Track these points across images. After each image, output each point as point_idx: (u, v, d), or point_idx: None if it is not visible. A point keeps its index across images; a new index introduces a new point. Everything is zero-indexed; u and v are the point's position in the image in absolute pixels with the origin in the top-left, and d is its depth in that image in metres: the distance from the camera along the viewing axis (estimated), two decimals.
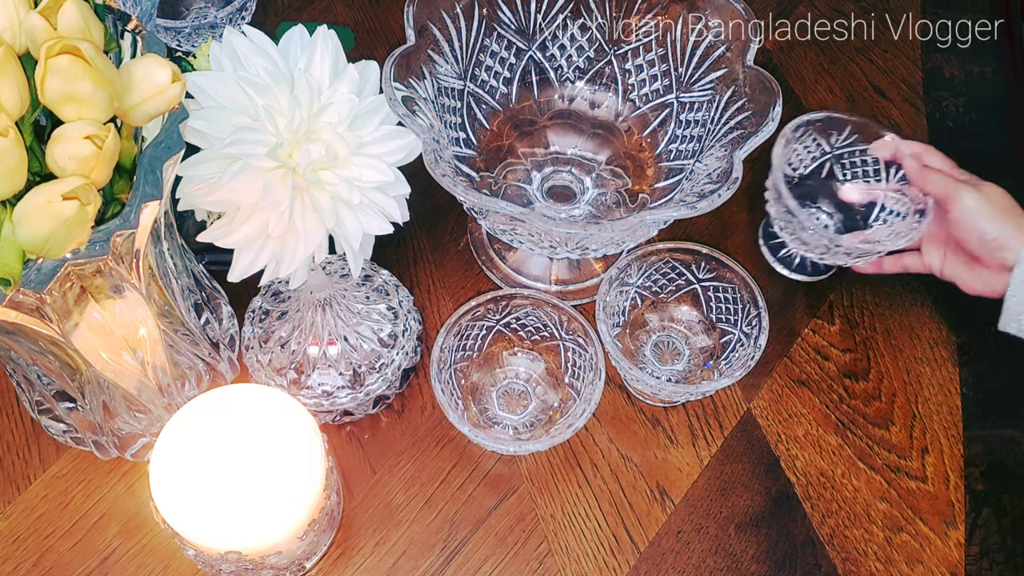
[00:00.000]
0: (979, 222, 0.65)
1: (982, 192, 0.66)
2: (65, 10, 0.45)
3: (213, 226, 0.54)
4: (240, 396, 0.60)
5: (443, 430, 0.71)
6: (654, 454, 0.71)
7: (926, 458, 0.71)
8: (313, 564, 0.65)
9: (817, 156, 0.76)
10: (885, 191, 0.74)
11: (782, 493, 0.69)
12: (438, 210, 0.82)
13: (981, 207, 0.65)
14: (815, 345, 0.76)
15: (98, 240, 0.46)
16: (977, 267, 0.67)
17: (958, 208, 0.66)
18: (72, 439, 0.67)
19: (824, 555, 0.67)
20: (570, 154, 0.77)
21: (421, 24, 0.67)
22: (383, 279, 0.73)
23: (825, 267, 0.77)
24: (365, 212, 0.55)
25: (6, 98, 0.43)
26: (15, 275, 0.45)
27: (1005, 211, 0.65)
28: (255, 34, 0.54)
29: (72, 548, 0.65)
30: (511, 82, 0.76)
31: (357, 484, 0.69)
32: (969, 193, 0.66)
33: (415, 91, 0.64)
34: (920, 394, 0.74)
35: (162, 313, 0.59)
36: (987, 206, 0.65)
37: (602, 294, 0.69)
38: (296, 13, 0.95)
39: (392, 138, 0.56)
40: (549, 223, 0.58)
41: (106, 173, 0.45)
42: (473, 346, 0.71)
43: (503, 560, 0.66)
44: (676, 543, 0.67)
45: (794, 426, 0.72)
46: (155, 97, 0.47)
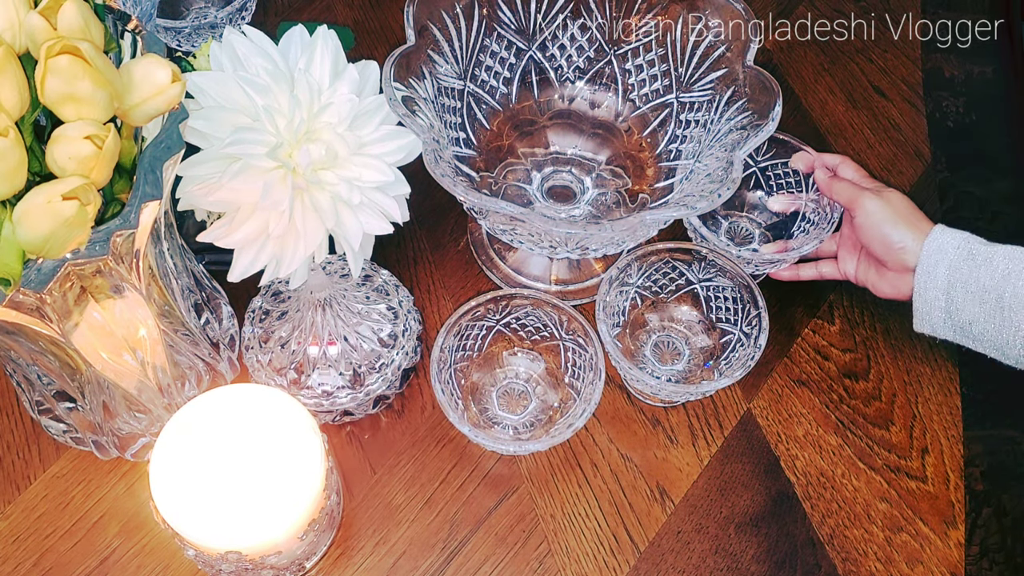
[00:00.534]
0: (882, 227, 0.67)
1: (883, 197, 0.68)
2: (65, 10, 0.45)
3: (213, 226, 0.54)
4: (240, 396, 0.60)
5: (443, 430, 0.71)
6: (654, 454, 0.71)
7: (926, 458, 0.71)
8: (313, 564, 0.65)
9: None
10: (805, 201, 0.77)
11: (782, 493, 0.69)
12: (438, 210, 0.82)
13: (882, 212, 0.68)
14: (815, 345, 0.76)
15: (98, 240, 0.46)
16: (884, 271, 0.69)
17: (861, 213, 0.68)
18: (72, 439, 0.67)
19: (824, 555, 0.67)
20: (570, 154, 0.77)
21: (421, 24, 0.67)
22: (383, 279, 0.73)
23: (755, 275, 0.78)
24: (365, 212, 0.55)
25: (6, 98, 0.43)
26: (15, 275, 0.45)
27: (905, 215, 0.68)
28: (255, 34, 0.54)
29: (72, 548, 0.65)
30: (511, 82, 0.76)
31: (357, 484, 0.69)
32: (871, 199, 0.68)
33: (415, 91, 0.64)
34: (920, 394, 0.74)
35: (162, 313, 0.59)
36: (888, 211, 0.68)
37: (602, 294, 0.69)
38: (296, 13, 0.95)
39: (392, 138, 0.56)
40: (549, 223, 0.58)
41: (106, 173, 0.45)
42: (473, 346, 0.71)
43: (503, 560, 0.66)
44: (676, 543, 0.67)
45: (794, 426, 0.72)
46: (155, 97, 0.47)
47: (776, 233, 0.79)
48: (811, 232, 0.75)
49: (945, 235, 0.65)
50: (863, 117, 0.90)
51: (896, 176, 0.86)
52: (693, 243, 0.73)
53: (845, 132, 0.89)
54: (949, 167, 0.87)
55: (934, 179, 0.86)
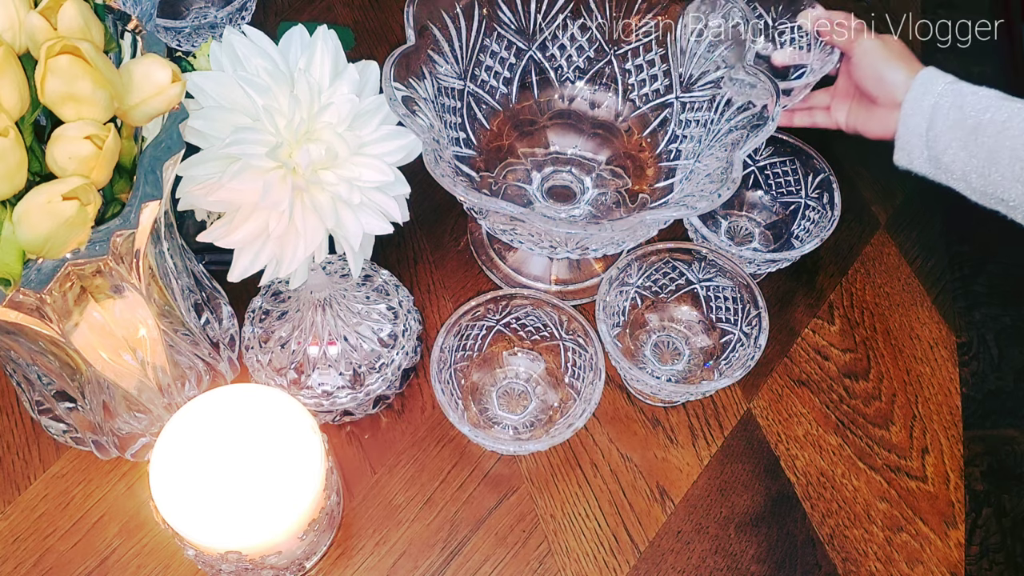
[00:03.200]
0: (876, 64, 0.71)
1: (881, 38, 0.72)
2: (65, 10, 0.45)
3: (213, 226, 0.54)
4: (240, 396, 0.60)
5: (443, 430, 0.71)
6: (654, 454, 0.71)
7: (926, 458, 0.71)
8: (313, 564, 0.65)
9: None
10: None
11: (782, 493, 0.69)
12: (438, 210, 0.82)
13: (879, 50, 0.72)
14: (815, 345, 0.76)
15: (98, 240, 0.46)
16: (874, 109, 0.73)
17: (859, 51, 0.72)
18: (72, 439, 0.67)
19: (824, 555, 0.67)
20: (570, 154, 0.77)
21: (421, 24, 0.67)
22: (383, 279, 0.73)
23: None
24: (365, 212, 0.55)
25: (6, 98, 0.43)
26: (15, 275, 0.45)
27: (900, 55, 0.72)
28: (255, 34, 0.54)
29: (72, 548, 0.65)
30: (511, 82, 0.76)
31: (357, 484, 0.69)
32: (869, 39, 0.72)
33: (415, 91, 0.64)
34: (920, 394, 0.74)
35: (162, 313, 0.59)
36: (884, 50, 0.72)
37: (602, 294, 0.69)
38: (296, 13, 0.95)
39: (392, 138, 0.56)
40: (549, 223, 0.58)
41: (106, 173, 0.45)
42: (473, 346, 0.71)
43: (503, 560, 0.66)
44: (676, 543, 0.67)
45: (794, 426, 0.72)
46: (155, 97, 0.47)
47: (776, 232, 0.79)
48: (812, 230, 0.76)
49: (936, 72, 0.70)
50: None
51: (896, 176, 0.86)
52: (693, 243, 0.73)
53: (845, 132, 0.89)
54: None
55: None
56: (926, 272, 0.81)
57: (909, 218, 0.84)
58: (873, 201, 0.85)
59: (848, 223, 0.83)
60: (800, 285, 0.79)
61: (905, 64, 0.71)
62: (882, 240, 0.83)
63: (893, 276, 0.80)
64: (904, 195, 0.85)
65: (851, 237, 0.82)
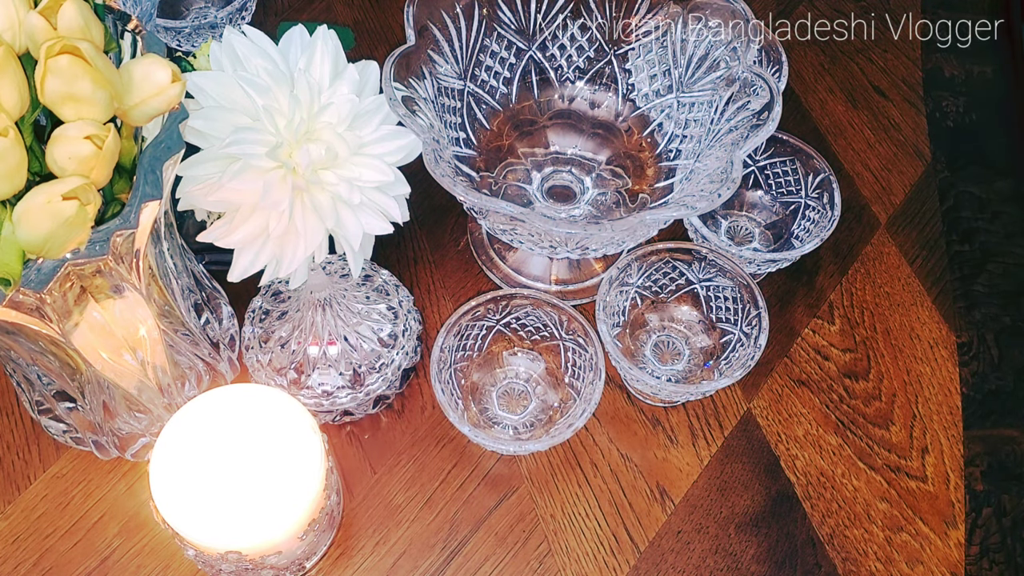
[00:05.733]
0: None
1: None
2: (65, 10, 0.44)
3: (213, 226, 0.54)
4: (240, 396, 0.60)
5: (443, 430, 0.71)
6: (654, 454, 0.71)
7: (926, 458, 0.71)
8: (313, 564, 0.65)
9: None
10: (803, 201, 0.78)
11: (782, 493, 0.69)
12: (438, 210, 0.82)
13: None
14: (815, 345, 0.76)
15: (98, 240, 0.46)
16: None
17: None
18: (72, 439, 0.67)
19: (824, 555, 0.67)
20: (570, 154, 0.77)
21: (421, 24, 0.67)
22: (383, 279, 0.73)
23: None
24: (365, 212, 0.55)
25: (6, 98, 0.43)
26: (15, 275, 0.45)
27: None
28: (255, 34, 0.54)
29: (72, 548, 0.65)
30: (511, 82, 0.76)
31: (357, 484, 0.69)
32: None
33: (415, 91, 0.64)
34: (920, 394, 0.74)
35: (162, 313, 0.59)
36: None
37: (602, 294, 0.69)
38: (296, 13, 0.95)
39: (392, 138, 0.56)
40: (549, 223, 0.58)
41: (106, 173, 0.45)
42: (473, 346, 0.71)
43: (503, 560, 0.66)
44: (676, 543, 0.67)
45: (794, 426, 0.72)
46: (155, 97, 0.47)
47: (776, 232, 0.79)
48: (812, 230, 0.76)
49: None
50: (863, 117, 0.90)
51: (896, 176, 0.86)
52: (693, 243, 0.73)
53: (845, 132, 0.89)
54: (949, 167, 0.87)
55: (934, 179, 0.86)
56: (926, 272, 0.81)
57: (909, 218, 0.84)
58: (873, 201, 0.85)
59: (848, 223, 0.83)
60: (800, 285, 0.79)
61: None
62: (882, 240, 0.83)
63: (893, 276, 0.80)
64: (904, 195, 0.85)
65: (851, 237, 0.82)
